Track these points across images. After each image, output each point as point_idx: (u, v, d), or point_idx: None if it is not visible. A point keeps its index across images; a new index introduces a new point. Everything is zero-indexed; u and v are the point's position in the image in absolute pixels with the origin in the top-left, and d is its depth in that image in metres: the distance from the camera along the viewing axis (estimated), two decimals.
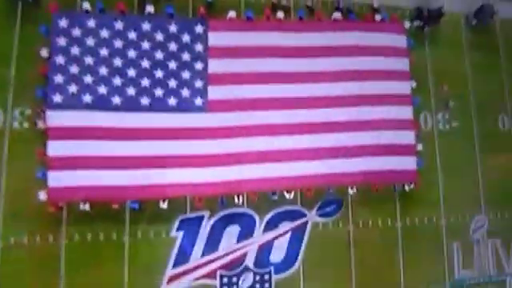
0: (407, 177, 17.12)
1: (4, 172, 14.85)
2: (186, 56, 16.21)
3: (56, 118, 14.83)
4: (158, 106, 15.74)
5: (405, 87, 17.63)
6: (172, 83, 15.99)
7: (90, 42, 15.41)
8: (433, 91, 18.54)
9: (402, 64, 17.70)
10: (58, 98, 14.89)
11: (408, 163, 17.16)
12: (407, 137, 17.34)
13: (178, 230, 15.65)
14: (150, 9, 16.08)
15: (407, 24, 17.97)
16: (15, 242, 14.63)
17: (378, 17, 17.86)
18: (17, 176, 14.84)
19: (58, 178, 14.59)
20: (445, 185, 17.79)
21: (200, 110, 16.05)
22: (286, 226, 16.41)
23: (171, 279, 15.30)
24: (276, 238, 16.28)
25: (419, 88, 17.83)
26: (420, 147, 17.36)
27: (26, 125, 15.20)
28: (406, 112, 17.51)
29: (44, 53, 15.13)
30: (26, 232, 14.71)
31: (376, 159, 16.95)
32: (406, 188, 17.11)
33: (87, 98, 15.15)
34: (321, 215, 16.73)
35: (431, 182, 17.68)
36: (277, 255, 16.16)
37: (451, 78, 18.64)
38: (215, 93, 16.23)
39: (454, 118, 18.48)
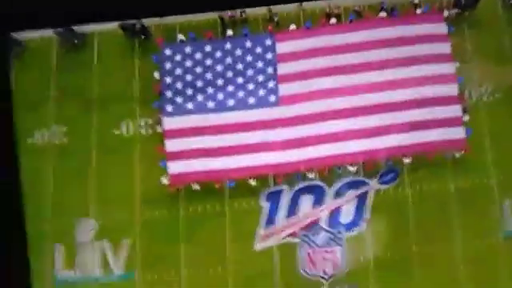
0: (457, 144, 19.58)
1: (138, 166, 20.47)
2: (259, 64, 20.55)
3: (169, 123, 20.14)
4: (240, 105, 20.29)
5: (450, 68, 20.15)
6: (250, 86, 20.42)
7: (188, 63, 20.51)
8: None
9: (444, 48, 20.25)
10: (169, 108, 20.15)
11: (457, 133, 19.62)
12: (455, 110, 19.80)
13: (265, 201, 19.96)
14: (230, 32, 20.86)
15: (446, 12, 20.40)
16: (150, 216, 20.07)
17: (419, 11, 20.60)
18: (146, 168, 20.36)
19: (174, 167, 19.79)
20: (492, 149, 19.75)
21: (274, 104, 20.27)
22: (351, 193, 19.80)
23: (263, 238, 19.60)
24: (344, 204, 19.77)
25: (462, 67, 20.23)
26: (467, 118, 19.67)
27: (150, 131, 20.79)
28: (452, 89, 19.97)
29: (156, 75, 20.55)
30: (156, 208, 20.09)
31: (428, 132, 19.66)
32: (457, 155, 19.58)
33: (189, 106, 20.21)
34: (381, 183, 19.88)
35: (480, 147, 19.78)
36: (346, 217, 19.65)
37: (492, 55, 20.66)
38: (284, 90, 20.35)
39: (497, 90, 20.45)
